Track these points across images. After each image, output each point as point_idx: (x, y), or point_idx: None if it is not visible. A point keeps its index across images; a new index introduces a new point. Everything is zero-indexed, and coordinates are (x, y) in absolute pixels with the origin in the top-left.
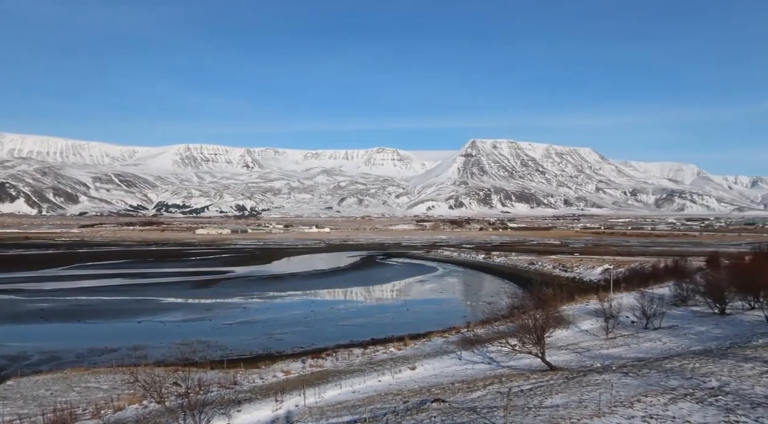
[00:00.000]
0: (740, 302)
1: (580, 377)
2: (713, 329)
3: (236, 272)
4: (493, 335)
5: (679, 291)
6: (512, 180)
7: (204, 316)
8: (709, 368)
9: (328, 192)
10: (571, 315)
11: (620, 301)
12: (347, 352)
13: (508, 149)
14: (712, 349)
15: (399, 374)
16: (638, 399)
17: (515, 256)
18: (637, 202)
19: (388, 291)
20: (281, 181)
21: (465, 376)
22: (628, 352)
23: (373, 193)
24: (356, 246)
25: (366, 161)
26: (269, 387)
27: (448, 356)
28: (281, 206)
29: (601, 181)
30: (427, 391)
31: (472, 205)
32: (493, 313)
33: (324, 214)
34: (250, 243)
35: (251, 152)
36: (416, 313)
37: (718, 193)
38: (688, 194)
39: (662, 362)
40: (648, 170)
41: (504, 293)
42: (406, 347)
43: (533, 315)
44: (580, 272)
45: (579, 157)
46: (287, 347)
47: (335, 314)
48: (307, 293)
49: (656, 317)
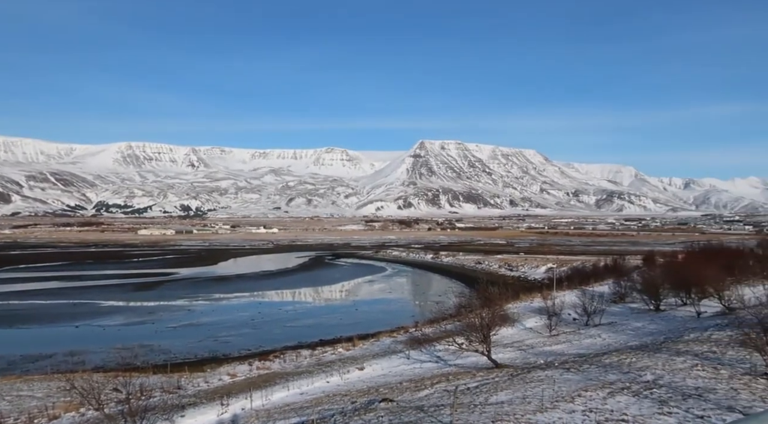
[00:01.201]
0: (674, 299)
1: (525, 373)
2: (649, 324)
3: (181, 273)
4: (441, 334)
5: (617, 289)
6: (460, 181)
7: (146, 319)
8: (644, 362)
9: (276, 192)
10: (516, 313)
11: (563, 299)
12: (295, 353)
13: (455, 150)
14: (647, 344)
15: (347, 374)
16: (579, 394)
17: (463, 255)
18: (579, 202)
19: (337, 292)
20: (228, 181)
21: (413, 375)
22: (570, 348)
23: (322, 194)
24: (305, 247)
25: (315, 161)
26: (215, 391)
27: (396, 355)
28: (228, 206)
29: (545, 182)
30: (375, 391)
31: (420, 205)
32: (441, 312)
33: (272, 214)
34: (196, 244)
35: (197, 151)
36: (365, 313)
37: (654, 194)
38: (627, 195)
39: (601, 357)
40: (589, 172)
41: (452, 293)
42: (354, 347)
43: (480, 314)
44: (525, 271)
45: (524, 158)
46: (234, 349)
47: (283, 316)
48: (254, 294)
49: (596, 314)
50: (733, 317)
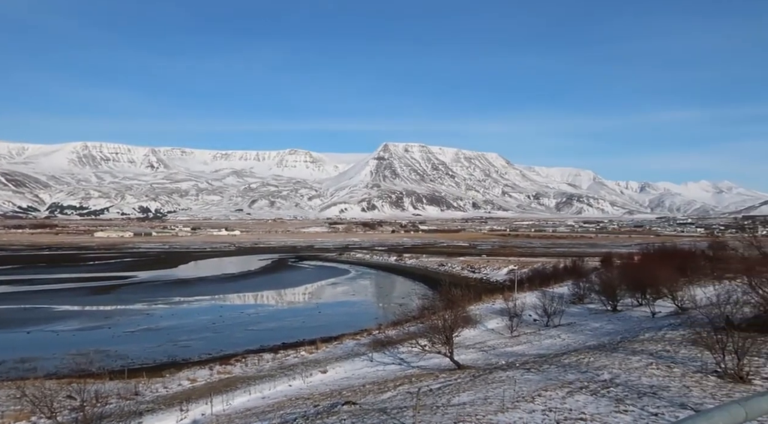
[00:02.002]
0: (630, 300)
1: (486, 374)
2: (606, 324)
3: (139, 276)
4: (404, 336)
5: (576, 290)
6: (423, 183)
7: (103, 324)
8: (602, 361)
9: (238, 194)
10: (478, 315)
11: (524, 300)
12: (257, 357)
13: (419, 153)
14: (605, 344)
15: (310, 377)
16: (539, 394)
17: (426, 258)
18: (540, 205)
19: (300, 294)
20: (188, 182)
21: (376, 377)
22: (530, 349)
23: (286, 196)
24: (268, 249)
25: (278, 163)
26: (174, 396)
27: (359, 358)
28: (189, 208)
29: (507, 185)
30: (338, 394)
31: (384, 207)
32: (405, 314)
33: (234, 216)
34: (155, 246)
35: (156, 152)
36: (328, 316)
37: (611, 197)
38: (585, 198)
39: (561, 357)
40: (549, 175)
41: (415, 295)
42: (317, 350)
43: (442, 316)
44: (487, 272)
45: (486, 161)
46: (194, 354)
47: (245, 319)
48: (215, 297)
49: (556, 315)
50: (685, 317)
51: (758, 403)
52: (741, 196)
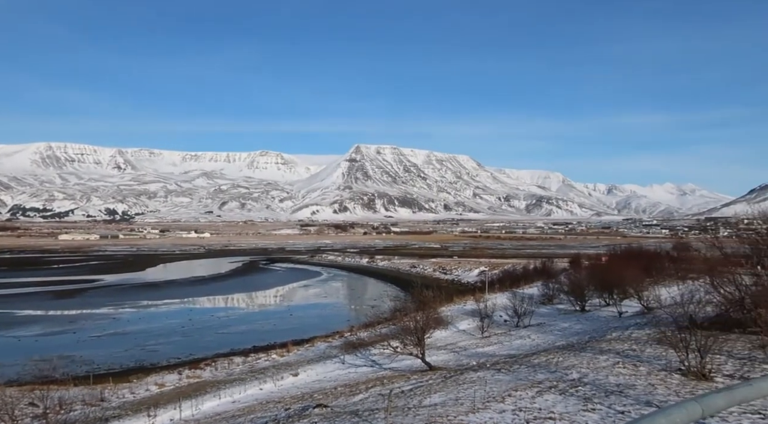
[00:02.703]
0: (598, 300)
1: (458, 375)
2: (575, 324)
3: (106, 280)
4: (376, 338)
5: (546, 291)
6: (395, 185)
7: (67, 328)
8: (570, 361)
9: (208, 196)
10: (450, 316)
11: (495, 301)
12: (227, 361)
13: (391, 155)
14: (573, 343)
15: (281, 381)
16: (509, 394)
17: (398, 259)
18: (510, 207)
19: (272, 297)
20: (157, 184)
21: (348, 380)
22: (501, 349)
23: (256, 198)
24: (238, 251)
25: (249, 164)
26: (141, 402)
27: (331, 360)
28: (157, 210)
29: (478, 187)
30: (309, 397)
31: (356, 209)
32: (376, 316)
33: (204, 218)
34: (122, 249)
35: (123, 153)
36: (300, 318)
37: (580, 199)
38: (555, 200)
39: (531, 357)
40: (520, 177)
41: (387, 296)
42: (289, 353)
43: (414, 317)
44: (458, 274)
45: (458, 164)
46: (162, 358)
47: (215, 322)
48: (185, 300)
49: (526, 316)
50: (651, 317)
51: (714, 400)
52: (704, 199)
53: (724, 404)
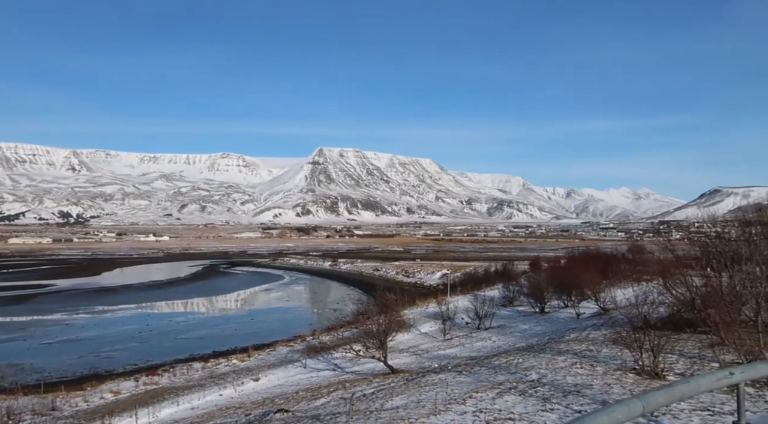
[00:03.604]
0: (557, 301)
1: (419, 378)
2: (535, 326)
3: (58, 285)
4: (339, 342)
5: (507, 293)
6: (358, 188)
7: (17, 336)
8: (530, 362)
9: (167, 198)
10: (412, 319)
11: (456, 304)
12: (186, 366)
13: (354, 158)
14: (533, 345)
15: (242, 386)
16: (470, 395)
17: (361, 262)
18: (472, 210)
19: (232, 301)
20: (114, 186)
21: (310, 384)
22: (462, 351)
23: (217, 200)
24: (198, 255)
25: (209, 167)
26: (95, 411)
27: (293, 364)
28: (114, 213)
29: (441, 190)
30: (270, 402)
31: (319, 212)
32: (339, 319)
33: (163, 221)
34: (76, 253)
35: (78, 154)
36: (261, 322)
37: (539, 203)
38: (515, 204)
39: (491, 359)
40: (481, 181)
41: (350, 300)
42: (249, 358)
43: (377, 320)
44: (421, 277)
45: (420, 167)
46: (118, 365)
47: (174, 327)
48: (142, 305)
49: (487, 318)
50: (607, 317)
51: (654, 397)
52: (657, 203)
53: (663, 401)
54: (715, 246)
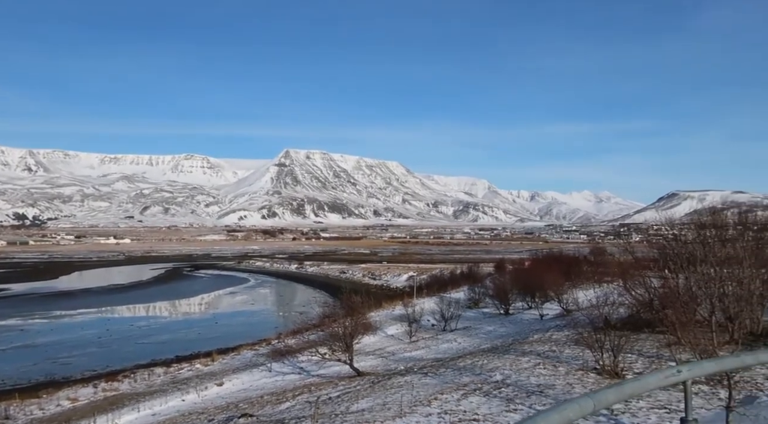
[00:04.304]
0: (521, 303)
1: (385, 380)
2: (499, 328)
3: (13, 289)
4: (305, 345)
5: (472, 295)
6: (325, 191)
7: None
8: (494, 363)
9: (129, 200)
10: (378, 321)
11: (423, 306)
12: (148, 372)
13: (321, 160)
14: (498, 346)
15: (205, 391)
16: (435, 397)
17: (327, 265)
18: (439, 213)
19: (196, 305)
20: (72, 187)
21: (275, 388)
22: (428, 353)
23: (181, 202)
24: (161, 258)
25: (173, 168)
26: (51, 418)
27: (257, 368)
28: (72, 215)
29: (407, 193)
30: (234, 406)
31: (285, 215)
32: (305, 322)
33: (124, 224)
34: (33, 256)
35: (35, 154)
36: (226, 326)
37: (504, 205)
38: (481, 207)
39: (457, 360)
40: (447, 184)
41: (316, 302)
42: (213, 362)
43: (343, 323)
44: (387, 279)
45: (387, 170)
46: (76, 371)
47: (135, 332)
48: (102, 310)
49: (453, 320)
50: (569, 318)
51: (605, 395)
52: (618, 206)
53: (614, 399)
54: (672, 248)
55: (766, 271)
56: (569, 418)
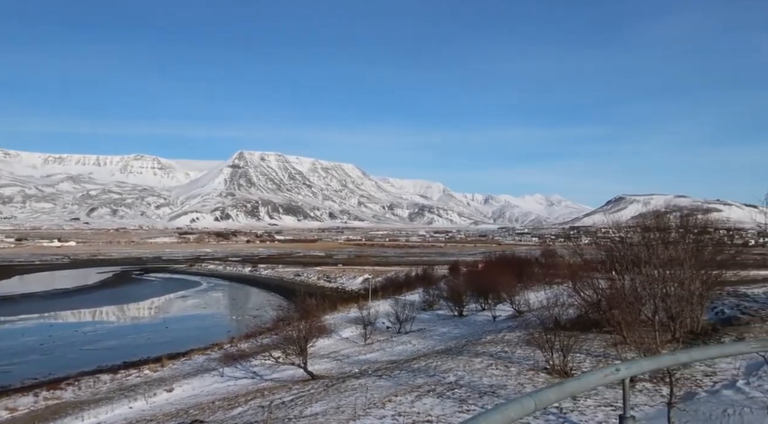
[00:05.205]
0: (474, 305)
1: (339, 383)
2: (453, 329)
3: None
4: (258, 349)
5: (427, 297)
6: (280, 193)
7: None
8: (448, 365)
9: (74, 201)
10: (333, 324)
11: (378, 308)
12: (93, 379)
13: (276, 162)
14: (451, 347)
15: (154, 397)
16: (389, 399)
17: (282, 268)
18: (394, 215)
19: (146, 309)
20: (13, 188)
21: (227, 393)
22: (383, 355)
23: (130, 204)
24: (109, 261)
25: (122, 169)
26: None
27: (209, 373)
28: (13, 217)
29: (363, 195)
30: (184, 412)
31: (239, 217)
32: (259, 326)
33: (69, 226)
34: None
35: None
36: (177, 331)
37: (459, 208)
38: (436, 209)
39: (411, 362)
40: (403, 187)
41: (270, 306)
42: (163, 368)
43: (297, 326)
44: (343, 282)
45: (343, 172)
46: (16, 379)
47: (80, 338)
48: (44, 315)
49: (408, 322)
50: (521, 319)
51: (546, 394)
52: (568, 209)
53: (554, 398)
54: (619, 250)
55: (705, 272)
56: (511, 417)
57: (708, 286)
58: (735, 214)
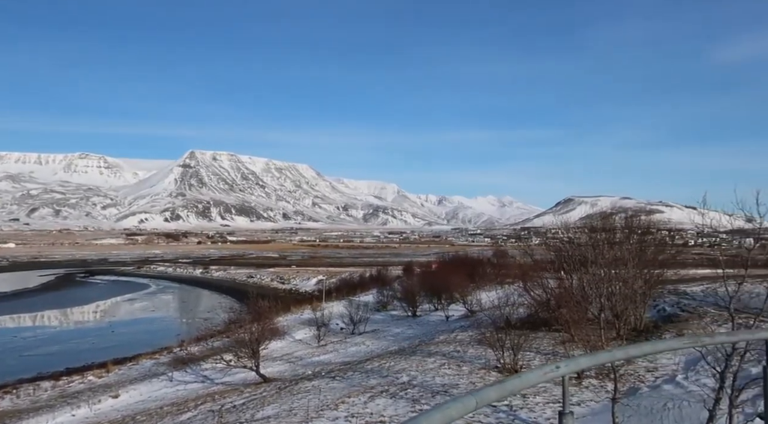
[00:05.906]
0: (428, 305)
1: (292, 385)
2: (407, 330)
3: None
4: (209, 352)
5: (381, 297)
6: (232, 193)
7: None
8: (401, 365)
9: (14, 201)
10: (287, 326)
11: (332, 309)
12: (33, 386)
13: (228, 162)
14: (405, 348)
15: (98, 404)
16: (343, 401)
17: (234, 269)
18: (348, 216)
19: (90, 313)
20: None
21: (176, 398)
22: (337, 357)
23: (74, 204)
24: (51, 263)
25: (66, 167)
26: None
27: (157, 378)
28: None
29: (317, 196)
30: (131, 419)
31: (190, 218)
32: (209, 329)
33: (8, 227)
34: None
35: None
36: (124, 335)
37: (413, 209)
38: (390, 210)
39: (364, 363)
40: (357, 188)
41: (221, 308)
42: (109, 373)
43: (249, 328)
44: (296, 283)
45: (297, 173)
46: None
47: (19, 344)
48: None
49: (362, 323)
50: (474, 319)
51: (487, 393)
52: (520, 210)
53: (495, 396)
54: (567, 251)
55: (648, 271)
56: (452, 416)
57: (650, 285)
58: (676, 215)
